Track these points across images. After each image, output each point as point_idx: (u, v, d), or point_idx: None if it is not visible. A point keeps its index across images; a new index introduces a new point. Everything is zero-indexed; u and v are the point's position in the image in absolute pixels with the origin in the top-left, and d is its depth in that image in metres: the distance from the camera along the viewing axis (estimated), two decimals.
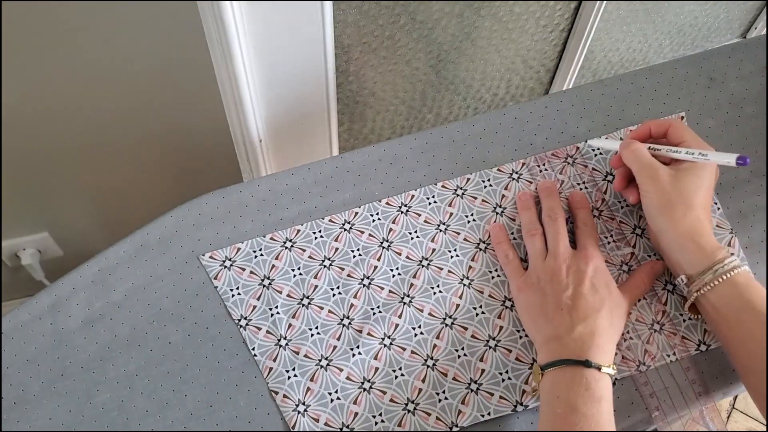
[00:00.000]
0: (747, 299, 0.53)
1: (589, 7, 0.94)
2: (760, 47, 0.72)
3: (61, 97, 0.90)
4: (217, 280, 0.60)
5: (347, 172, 0.65)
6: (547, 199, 0.61)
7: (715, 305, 0.54)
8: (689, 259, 0.55)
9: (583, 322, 0.53)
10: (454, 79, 0.98)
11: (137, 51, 0.86)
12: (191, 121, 0.99)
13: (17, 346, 0.57)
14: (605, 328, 0.53)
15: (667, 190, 0.56)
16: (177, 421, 0.55)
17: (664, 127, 0.60)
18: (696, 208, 0.56)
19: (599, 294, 0.54)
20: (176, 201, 0.63)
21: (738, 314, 0.53)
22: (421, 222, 0.63)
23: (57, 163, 1.01)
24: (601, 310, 0.54)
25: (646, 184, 0.57)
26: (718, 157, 0.55)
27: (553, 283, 0.55)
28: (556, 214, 0.60)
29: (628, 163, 0.59)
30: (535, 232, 0.60)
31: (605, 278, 0.56)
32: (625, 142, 0.60)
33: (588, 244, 0.58)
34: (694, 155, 0.56)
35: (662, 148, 0.59)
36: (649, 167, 0.57)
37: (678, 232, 0.55)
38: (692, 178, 0.56)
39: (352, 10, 0.77)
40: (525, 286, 0.57)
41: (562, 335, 0.53)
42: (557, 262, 0.56)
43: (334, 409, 0.55)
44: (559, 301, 0.54)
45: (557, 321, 0.53)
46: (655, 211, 0.57)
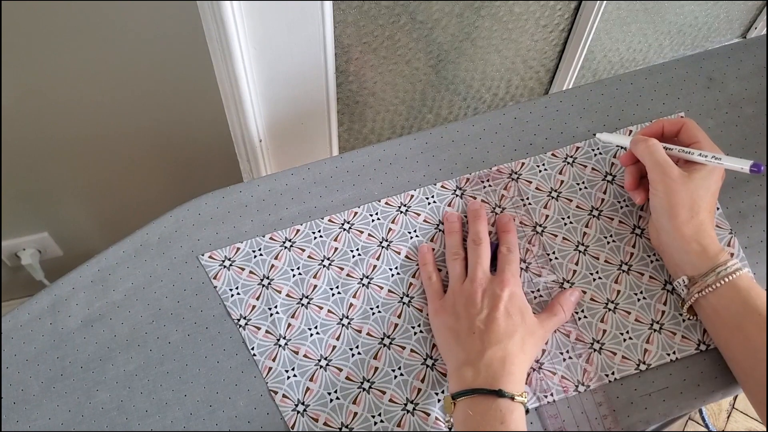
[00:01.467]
0: (748, 303, 0.52)
1: (589, 7, 0.94)
2: (759, 47, 0.72)
3: (61, 96, 0.90)
4: (216, 280, 0.60)
5: (347, 172, 0.65)
6: (473, 223, 0.61)
7: (716, 308, 0.54)
8: (692, 260, 0.55)
9: (495, 347, 0.52)
10: (454, 79, 0.98)
11: (137, 51, 0.86)
12: (191, 121, 0.99)
13: (17, 346, 0.57)
14: (516, 354, 0.52)
15: (678, 191, 0.56)
16: (176, 420, 0.55)
17: (677, 126, 0.60)
18: (702, 211, 0.56)
19: (512, 320, 0.54)
20: (176, 201, 0.63)
21: (738, 318, 0.53)
22: (421, 222, 0.63)
23: (57, 163, 1.01)
24: (513, 336, 0.53)
25: (657, 182, 0.57)
26: (732, 162, 0.55)
27: (468, 307, 0.55)
28: (480, 239, 0.59)
29: (641, 158, 0.58)
30: (457, 256, 0.59)
31: (520, 304, 0.55)
32: (639, 138, 0.59)
33: (507, 269, 0.57)
34: (707, 158, 0.56)
35: (675, 148, 0.58)
36: (664, 165, 0.57)
37: (682, 234, 0.55)
38: (703, 181, 0.56)
39: (352, 10, 0.77)
40: (441, 309, 0.57)
41: (473, 360, 0.52)
42: (473, 286, 0.56)
43: (333, 409, 0.55)
44: (472, 325, 0.54)
45: (469, 344, 0.53)
46: (662, 210, 0.57)
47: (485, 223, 0.61)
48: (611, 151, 0.66)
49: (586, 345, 0.58)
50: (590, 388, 0.56)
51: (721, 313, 0.54)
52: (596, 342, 0.58)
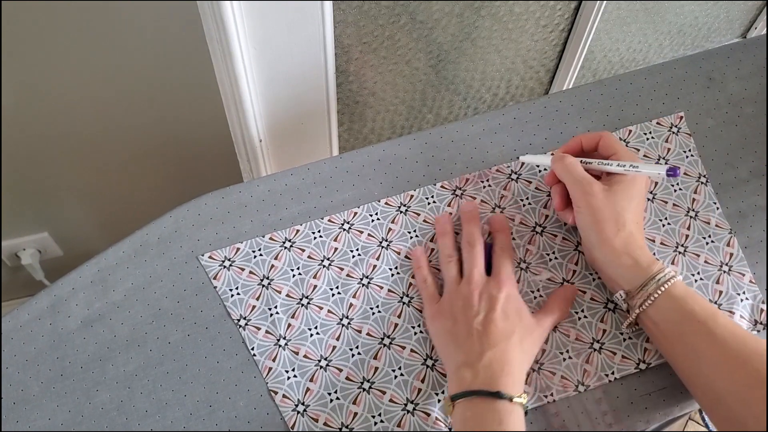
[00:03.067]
0: (686, 311, 0.52)
1: (589, 7, 0.94)
2: (759, 47, 0.72)
3: (61, 96, 0.90)
4: (216, 280, 0.60)
5: (346, 172, 0.65)
6: (466, 224, 0.60)
7: (655, 320, 0.54)
8: (626, 274, 0.55)
9: (493, 348, 0.52)
10: (454, 79, 0.98)
11: (137, 51, 0.86)
12: (191, 121, 1.00)
13: (17, 346, 0.57)
14: (515, 356, 0.52)
15: (601, 206, 0.55)
16: (176, 421, 0.55)
17: (595, 140, 0.59)
18: (629, 223, 0.55)
19: (510, 320, 0.54)
20: (176, 201, 0.63)
21: (678, 327, 0.52)
22: (420, 222, 0.63)
23: (57, 163, 1.01)
24: (511, 337, 0.53)
25: (579, 199, 0.56)
26: (649, 169, 0.54)
27: (465, 309, 0.54)
28: (474, 239, 0.59)
29: (560, 177, 0.59)
30: (451, 258, 0.59)
31: (517, 305, 0.55)
32: (557, 156, 0.59)
33: (503, 269, 0.57)
34: (625, 167, 0.56)
35: (594, 162, 0.58)
36: (583, 182, 0.56)
37: (612, 248, 0.55)
38: (624, 192, 0.56)
39: (352, 10, 0.77)
40: (438, 313, 0.56)
41: (472, 362, 0.51)
42: (470, 287, 0.56)
43: (333, 410, 0.55)
44: (470, 327, 0.53)
45: (468, 347, 0.52)
46: (588, 227, 0.56)
47: (479, 224, 0.61)
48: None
49: (585, 345, 0.58)
50: (590, 388, 0.56)
51: (661, 325, 0.53)
52: (596, 342, 0.58)
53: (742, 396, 0.48)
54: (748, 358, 0.49)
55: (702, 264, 0.62)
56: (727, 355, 0.50)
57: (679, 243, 0.63)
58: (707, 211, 0.64)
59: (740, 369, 0.49)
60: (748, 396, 0.48)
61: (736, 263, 0.62)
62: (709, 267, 0.62)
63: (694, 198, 0.65)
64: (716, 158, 0.67)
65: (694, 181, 0.66)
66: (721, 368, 0.50)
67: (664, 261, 0.62)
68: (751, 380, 0.48)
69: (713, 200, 0.65)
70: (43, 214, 1.12)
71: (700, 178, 0.66)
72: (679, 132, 0.68)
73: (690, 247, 0.63)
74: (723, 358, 0.50)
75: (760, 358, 0.49)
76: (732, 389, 0.49)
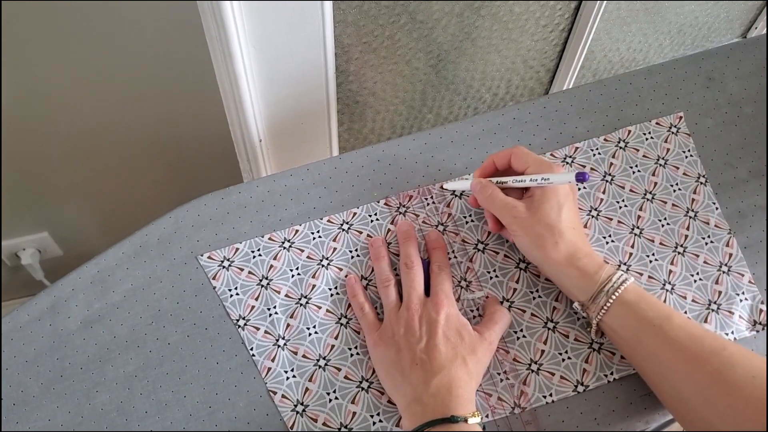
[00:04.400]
0: (641, 317, 0.52)
1: (589, 7, 0.94)
2: (759, 47, 0.72)
3: (61, 97, 0.90)
4: (215, 281, 0.60)
5: (346, 172, 0.65)
6: (404, 244, 0.60)
7: (613, 327, 0.54)
8: (576, 285, 0.55)
9: (438, 375, 0.51)
10: (454, 79, 0.98)
11: (137, 51, 0.86)
12: (191, 121, 1.00)
13: (17, 347, 0.57)
14: (460, 377, 0.51)
15: (531, 225, 0.55)
16: (176, 421, 0.55)
17: (506, 157, 0.59)
18: (565, 232, 0.55)
19: (451, 342, 0.53)
20: (176, 202, 0.63)
21: (636, 333, 0.52)
22: (419, 223, 0.63)
23: (57, 163, 1.01)
24: (455, 360, 0.52)
25: (510, 224, 0.56)
26: (559, 178, 0.54)
27: (407, 336, 0.54)
28: (412, 262, 0.58)
29: (485, 207, 0.59)
30: (388, 282, 0.58)
31: (457, 325, 0.54)
32: (476, 184, 0.59)
33: (440, 289, 0.56)
34: (537, 181, 0.55)
35: (508, 180, 0.58)
36: (506, 207, 0.56)
37: (557, 262, 0.55)
38: (548, 203, 0.55)
39: (352, 10, 0.77)
40: (380, 341, 0.55)
41: (419, 394, 0.51)
42: (410, 312, 0.55)
43: (332, 409, 0.55)
44: (414, 356, 0.52)
45: (414, 377, 0.52)
46: (527, 247, 0.56)
47: (416, 244, 0.60)
48: (604, 159, 0.66)
49: (584, 345, 0.58)
50: (589, 388, 0.56)
51: (619, 332, 0.53)
52: (595, 342, 0.58)
53: (705, 396, 0.48)
54: (707, 358, 0.49)
55: (701, 264, 0.62)
56: (685, 357, 0.49)
57: (679, 243, 0.63)
58: (706, 212, 0.64)
59: (700, 369, 0.49)
60: (710, 395, 0.48)
61: (735, 263, 0.62)
62: (709, 267, 0.62)
63: (694, 198, 0.65)
64: (715, 158, 0.67)
65: (694, 181, 0.66)
66: (683, 370, 0.49)
67: (663, 261, 0.62)
68: (711, 379, 0.48)
69: (712, 200, 0.65)
70: (43, 214, 1.12)
71: (699, 178, 0.66)
72: (678, 132, 0.68)
73: (689, 248, 0.63)
74: (682, 360, 0.50)
75: (718, 356, 0.48)
76: (695, 390, 0.49)
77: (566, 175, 0.54)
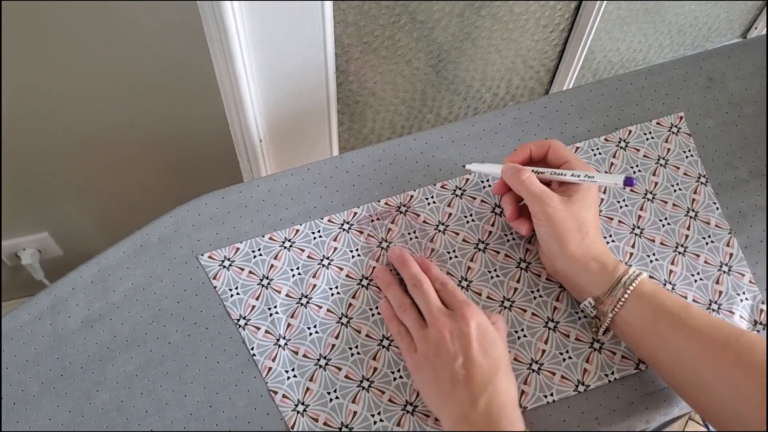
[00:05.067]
0: (658, 307, 0.52)
1: (589, 7, 0.94)
2: (759, 47, 0.72)
3: (61, 97, 0.90)
4: (215, 280, 0.60)
5: (346, 172, 0.65)
6: (403, 268, 0.59)
7: (628, 321, 0.53)
8: (594, 279, 0.55)
9: (484, 393, 0.49)
10: (454, 79, 0.98)
11: (137, 51, 0.86)
12: (191, 121, 1.00)
13: (17, 346, 0.57)
14: (505, 391, 0.50)
15: (562, 218, 0.55)
16: (176, 421, 0.55)
17: (544, 148, 0.59)
18: (591, 230, 0.55)
19: (489, 354, 0.51)
20: (176, 201, 0.63)
21: (653, 325, 0.52)
22: (420, 222, 0.63)
23: (57, 163, 1.01)
24: (497, 374, 0.50)
25: (539, 212, 0.56)
26: (606, 179, 0.54)
27: (440, 355, 0.52)
28: (419, 280, 0.56)
29: (517, 191, 0.57)
30: (406, 306, 0.56)
31: (491, 334, 0.53)
32: (510, 169, 0.58)
33: (459, 302, 0.54)
34: (580, 177, 0.55)
35: (546, 171, 0.57)
36: (542, 196, 0.55)
37: (578, 258, 0.55)
38: (583, 201, 0.55)
39: (352, 10, 0.77)
40: (417, 365, 0.53)
41: (467, 414, 0.49)
42: (437, 329, 0.53)
43: (333, 409, 0.55)
44: (453, 373, 0.50)
45: (456, 397, 0.50)
46: (551, 239, 0.56)
47: (416, 264, 0.59)
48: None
49: (585, 344, 0.58)
50: (590, 387, 0.56)
51: (636, 324, 0.53)
52: (596, 341, 0.58)
53: (728, 381, 0.48)
54: (727, 343, 0.49)
55: (702, 264, 0.62)
56: (706, 344, 0.50)
57: (679, 243, 0.63)
58: (707, 212, 0.64)
59: (721, 355, 0.49)
60: (733, 380, 0.48)
61: (735, 263, 0.62)
62: (709, 267, 0.62)
63: (694, 198, 0.65)
64: (716, 158, 0.67)
65: (694, 181, 0.66)
66: (703, 357, 0.49)
67: (664, 261, 0.62)
68: (733, 364, 0.48)
69: (713, 200, 0.65)
70: (43, 214, 1.12)
71: (699, 178, 0.66)
72: (678, 132, 0.68)
73: (690, 248, 0.63)
74: (703, 347, 0.50)
75: (738, 342, 0.49)
76: (717, 376, 0.48)
77: (614, 176, 0.54)
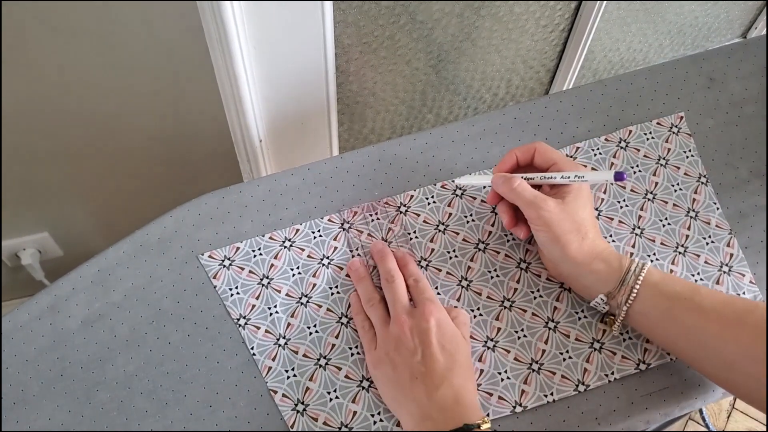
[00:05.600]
0: (671, 293, 0.52)
1: (589, 7, 0.94)
2: (759, 47, 0.72)
3: (61, 97, 0.90)
4: (216, 280, 0.60)
5: (347, 172, 0.65)
6: (381, 262, 0.59)
7: (643, 312, 0.53)
8: (602, 278, 0.55)
9: (441, 387, 0.50)
10: (454, 79, 0.98)
11: (137, 51, 0.86)
12: (191, 121, 0.99)
13: (17, 346, 0.57)
14: (463, 384, 0.51)
15: (559, 221, 0.55)
16: (176, 421, 0.55)
17: (530, 152, 0.59)
18: (590, 229, 0.55)
19: (447, 350, 0.52)
20: (176, 201, 0.63)
21: (669, 311, 0.52)
22: (420, 222, 0.63)
23: (57, 163, 1.01)
24: (454, 368, 0.51)
25: (536, 219, 0.56)
26: (596, 177, 0.54)
27: (400, 350, 0.52)
28: (393, 276, 0.57)
29: (510, 200, 0.57)
30: (374, 301, 0.57)
31: (450, 330, 0.53)
32: (500, 179, 0.58)
33: (423, 299, 0.55)
34: (571, 178, 0.55)
35: (536, 176, 0.57)
36: (536, 201, 0.55)
37: (581, 260, 0.55)
38: (577, 201, 0.55)
39: (352, 10, 0.77)
40: (377, 361, 0.54)
41: (426, 410, 0.50)
42: (399, 325, 0.53)
43: (333, 409, 0.55)
44: (411, 369, 0.51)
45: (416, 392, 0.50)
46: (550, 243, 0.56)
47: (393, 260, 0.59)
48: (605, 159, 0.66)
49: (585, 345, 0.58)
50: (590, 387, 0.56)
51: (652, 313, 0.53)
52: (596, 341, 0.58)
53: (750, 355, 0.48)
54: (743, 317, 0.49)
55: (702, 264, 0.62)
56: (724, 322, 0.50)
57: (680, 243, 0.63)
58: (707, 212, 0.64)
59: (739, 329, 0.49)
60: (755, 352, 0.48)
61: (736, 264, 0.62)
62: (709, 267, 0.62)
63: (695, 198, 0.65)
64: (716, 158, 0.67)
65: (695, 181, 0.66)
66: (723, 335, 0.50)
67: (664, 261, 0.62)
68: (752, 336, 0.48)
69: (713, 200, 0.65)
70: (43, 214, 1.12)
71: (700, 178, 0.66)
72: (679, 132, 0.68)
73: (690, 248, 0.63)
74: (721, 325, 0.50)
75: (753, 314, 0.49)
76: (739, 351, 0.49)
77: (604, 173, 0.54)
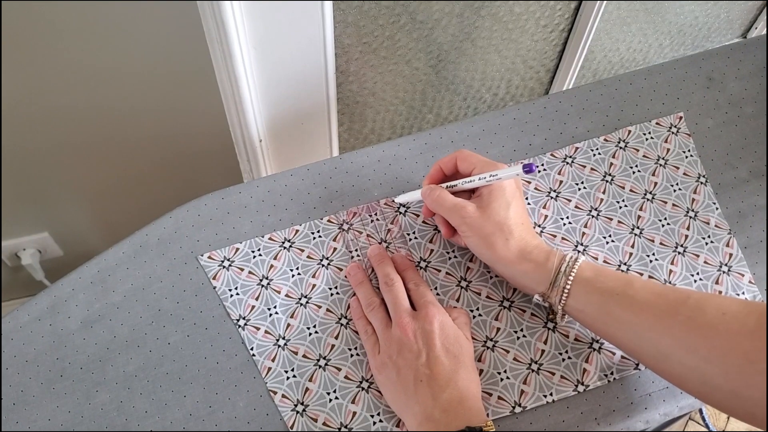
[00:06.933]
0: (602, 289, 0.52)
1: (589, 7, 0.94)
2: (759, 47, 0.72)
3: (61, 97, 0.90)
4: (215, 280, 0.60)
5: (346, 172, 0.65)
6: (379, 266, 0.59)
7: (578, 308, 0.53)
8: (532, 277, 0.54)
9: (447, 389, 0.50)
10: (454, 79, 0.98)
11: (137, 51, 0.86)
12: (191, 121, 1.00)
13: (17, 347, 0.57)
14: (468, 387, 0.51)
15: (481, 224, 0.55)
16: (176, 421, 0.55)
17: (452, 161, 0.59)
18: (515, 228, 0.55)
19: (451, 352, 0.52)
20: (176, 202, 0.63)
21: (603, 307, 0.52)
22: (419, 223, 0.63)
23: (57, 163, 1.01)
24: (459, 371, 0.51)
25: (459, 225, 0.56)
26: (507, 172, 0.54)
27: (403, 354, 0.52)
28: (391, 279, 0.57)
29: (436, 211, 0.58)
30: (374, 305, 0.57)
31: (453, 332, 0.54)
32: (426, 191, 0.59)
33: (425, 302, 0.55)
34: (486, 179, 0.55)
35: (457, 183, 0.58)
36: (455, 208, 0.56)
37: (509, 260, 0.54)
38: (497, 202, 0.55)
39: (352, 10, 0.77)
40: (380, 365, 0.54)
41: (430, 412, 0.49)
42: (402, 329, 0.53)
43: (332, 409, 0.55)
44: (416, 372, 0.51)
45: (420, 395, 0.50)
46: (479, 247, 0.56)
47: (391, 263, 0.59)
48: (604, 159, 0.66)
49: (585, 345, 0.58)
50: (590, 388, 0.56)
51: (587, 310, 0.53)
52: (595, 341, 0.58)
53: (685, 346, 0.47)
54: (676, 308, 0.48)
55: (701, 264, 0.62)
56: (655, 314, 0.49)
57: (679, 243, 0.63)
58: (707, 212, 0.64)
59: (672, 321, 0.48)
60: (689, 343, 0.47)
61: (735, 264, 0.62)
62: (709, 267, 0.62)
63: (694, 198, 0.65)
64: (716, 158, 0.67)
65: (694, 181, 0.66)
66: (657, 327, 0.49)
67: (663, 261, 0.62)
68: (685, 328, 0.48)
69: (713, 200, 0.65)
70: (43, 214, 1.12)
71: (699, 178, 0.66)
72: (678, 132, 0.68)
73: (689, 248, 0.63)
74: (654, 318, 0.49)
75: (685, 304, 0.48)
76: (673, 343, 0.48)
77: (513, 168, 0.54)
